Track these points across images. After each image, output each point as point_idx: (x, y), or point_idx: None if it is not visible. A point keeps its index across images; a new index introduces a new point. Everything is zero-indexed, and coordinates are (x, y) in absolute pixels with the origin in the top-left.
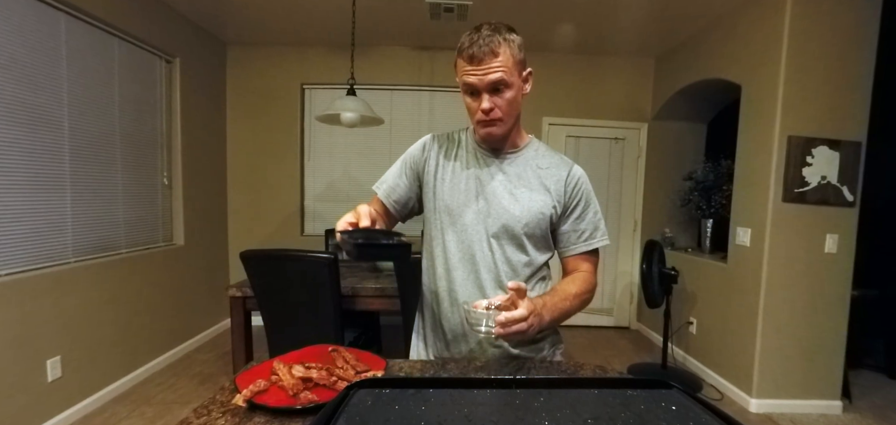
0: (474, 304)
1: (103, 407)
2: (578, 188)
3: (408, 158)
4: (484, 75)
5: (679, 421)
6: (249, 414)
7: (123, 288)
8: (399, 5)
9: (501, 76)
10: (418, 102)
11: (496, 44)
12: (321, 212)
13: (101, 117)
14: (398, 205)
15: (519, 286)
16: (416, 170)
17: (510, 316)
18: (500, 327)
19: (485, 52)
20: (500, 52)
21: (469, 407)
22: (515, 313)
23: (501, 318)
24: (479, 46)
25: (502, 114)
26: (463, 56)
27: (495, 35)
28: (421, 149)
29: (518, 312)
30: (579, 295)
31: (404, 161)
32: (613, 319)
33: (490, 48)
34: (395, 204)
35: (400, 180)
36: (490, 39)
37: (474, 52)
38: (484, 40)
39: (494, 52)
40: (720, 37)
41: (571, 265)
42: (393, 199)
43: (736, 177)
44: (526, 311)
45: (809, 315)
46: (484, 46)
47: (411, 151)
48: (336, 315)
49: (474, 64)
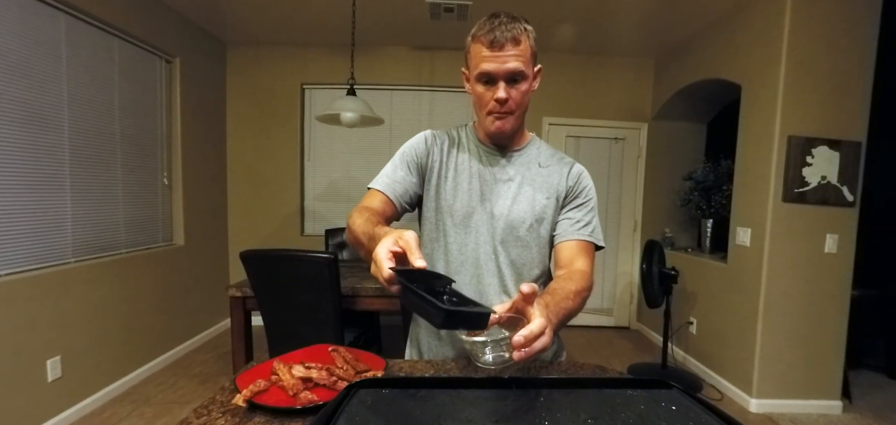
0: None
1: (103, 407)
2: (579, 181)
3: (407, 152)
4: (503, 62)
5: (679, 421)
6: (249, 414)
7: (123, 288)
8: (399, 5)
9: (520, 66)
10: (418, 102)
11: (518, 31)
12: (321, 212)
13: (101, 117)
14: (401, 199)
15: (533, 289)
16: (419, 164)
17: (530, 333)
18: (519, 351)
19: (507, 37)
20: (521, 40)
21: (469, 407)
22: (533, 327)
23: (519, 339)
24: (502, 32)
25: (515, 105)
26: (482, 41)
27: (517, 23)
28: (423, 143)
29: (536, 325)
30: (579, 293)
31: (403, 155)
32: (613, 319)
33: (512, 34)
34: (398, 197)
35: (399, 174)
36: (512, 26)
37: (496, 36)
38: (506, 26)
39: (516, 40)
40: (720, 37)
41: (565, 257)
42: (396, 193)
43: (736, 177)
44: (544, 321)
45: (809, 315)
46: (506, 32)
47: (412, 145)
48: (336, 315)
49: (495, 49)
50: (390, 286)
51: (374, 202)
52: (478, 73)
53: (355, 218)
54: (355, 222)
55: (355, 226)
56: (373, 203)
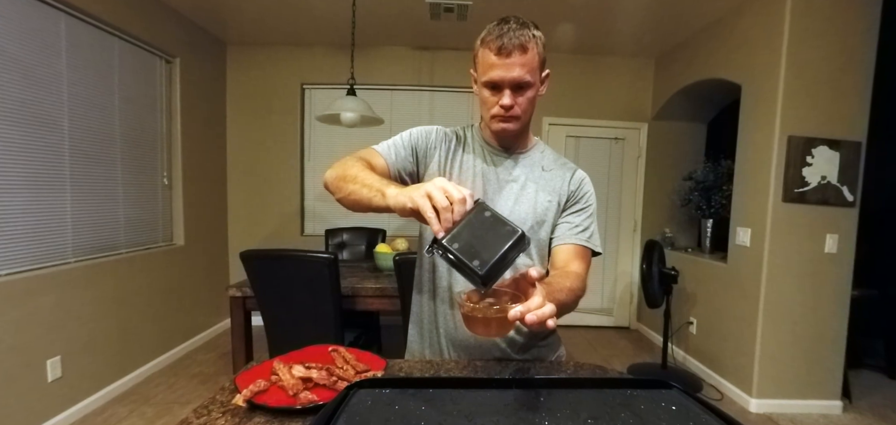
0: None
1: (103, 407)
2: (581, 187)
3: (416, 136)
4: (509, 70)
5: (679, 421)
6: (249, 414)
7: (123, 288)
8: (399, 5)
9: (526, 76)
10: (418, 102)
11: (526, 38)
12: (321, 212)
13: (101, 117)
14: (398, 174)
15: (540, 273)
16: (420, 152)
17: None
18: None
19: (515, 44)
20: (529, 47)
21: (469, 407)
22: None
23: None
24: (510, 38)
25: (520, 111)
26: (490, 46)
27: (525, 29)
28: (432, 135)
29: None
30: (572, 290)
31: (411, 137)
32: (613, 319)
33: (520, 41)
34: (397, 171)
35: (403, 152)
36: (520, 33)
37: (504, 43)
38: (514, 33)
39: (524, 47)
40: (720, 37)
41: (562, 260)
42: (396, 166)
43: (736, 177)
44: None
45: (809, 315)
46: (515, 39)
47: (420, 132)
48: (336, 315)
49: (502, 56)
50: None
51: (375, 160)
52: (484, 80)
53: (353, 164)
54: (354, 167)
55: (356, 170)
56: (374, 161)
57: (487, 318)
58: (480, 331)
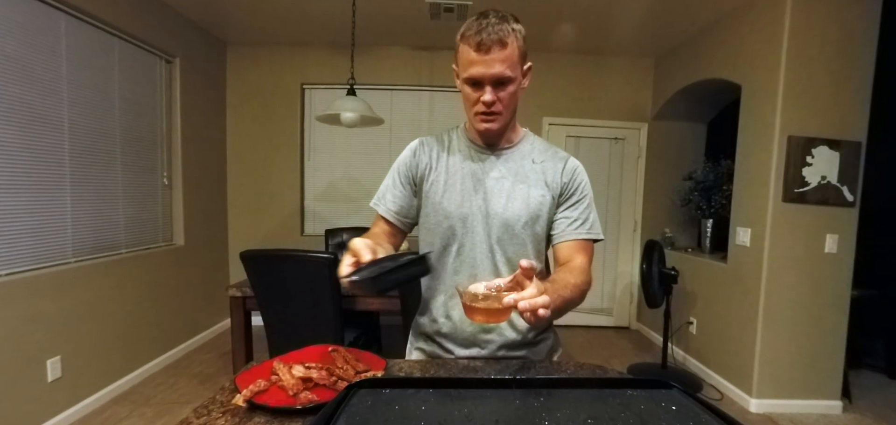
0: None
1: (103, 407)
2: (574, 178)
3: (400, 167)
4: (489, 67)
5: (679, 421)
6: (249, 414)
7: (123, 288)
8: (399, 5)
9: (506, 71)
10: (418, 102)
11: (505, 33)
12: (321, 212)
13: (101, 117)
14: (403, 217)
15: (531, 265)
16: (411, 176)
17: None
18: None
19: (494, 39)
20: (508, 42)
21: (469, 407)
22: (530, 290)
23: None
24: (488, 33)
25: (502, 107)
26: (469, 42)
27: (504, 24)
28: (411, 155)
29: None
30: (578, 286)
31: (397, 171)
32: (613, 319)
33: (499, 36)
34: (398, 216)
35: (397, 191)
36: (499, 28)
37: (483, 39)
38: (493, 28)
39: (503, 42)
40: (720, 37)
41: (564, 255)
42: (396, 212)
43: (736, 177)
44: (536, 289)
45: (809, 315)
46: (493, 34)
47: (402, 159)
48: (336, 315)
49: (481, 52)
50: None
51: (375, 228)
52: (465, 77)
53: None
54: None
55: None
56: (375, 229)
57: (486, 306)
58: (479, 318)
